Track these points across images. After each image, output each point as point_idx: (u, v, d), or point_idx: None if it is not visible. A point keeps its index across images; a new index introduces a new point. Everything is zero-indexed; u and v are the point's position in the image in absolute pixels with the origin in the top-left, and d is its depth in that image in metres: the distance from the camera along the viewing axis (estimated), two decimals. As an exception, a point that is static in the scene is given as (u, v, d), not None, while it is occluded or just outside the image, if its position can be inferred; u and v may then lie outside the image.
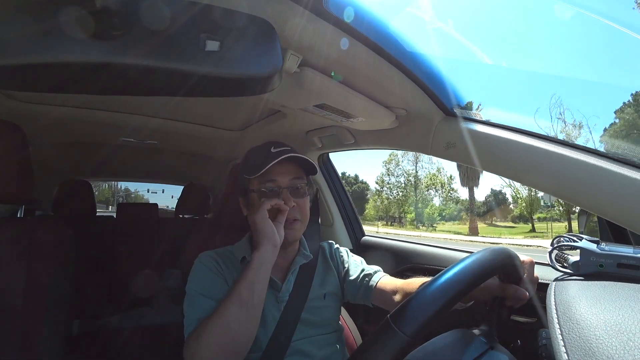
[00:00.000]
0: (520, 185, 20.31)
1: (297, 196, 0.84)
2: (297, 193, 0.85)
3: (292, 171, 0.85)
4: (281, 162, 0.80)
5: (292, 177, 0.84)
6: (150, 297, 2.06)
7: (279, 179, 0.83)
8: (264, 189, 0.82)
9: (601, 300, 0.44)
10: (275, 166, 0.80)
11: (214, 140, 1.90)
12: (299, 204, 0.84)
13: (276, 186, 0.83)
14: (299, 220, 0.85)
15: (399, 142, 1.19)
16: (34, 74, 0.44)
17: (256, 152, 0.88)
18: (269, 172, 0.81)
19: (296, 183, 0.85)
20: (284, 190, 0.82)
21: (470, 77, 17.35)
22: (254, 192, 0.84)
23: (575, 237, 0.63)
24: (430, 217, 30.37)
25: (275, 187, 0.83)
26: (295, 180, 0.85)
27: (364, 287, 0.93)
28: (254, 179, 0.83)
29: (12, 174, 0.91)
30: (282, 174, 0.83)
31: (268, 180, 0.82)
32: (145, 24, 0.44)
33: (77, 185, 2.22)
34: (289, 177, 0.84)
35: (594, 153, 0.69)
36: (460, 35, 16.76)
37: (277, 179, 0.83)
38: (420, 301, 0.46)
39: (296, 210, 0.84)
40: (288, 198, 0.82)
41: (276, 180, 0.83)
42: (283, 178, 0.83)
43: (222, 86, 0.53)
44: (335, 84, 0.88)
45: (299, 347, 0.83)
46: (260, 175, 0.81)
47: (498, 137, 0.82)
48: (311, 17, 0.63)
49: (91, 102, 1.36)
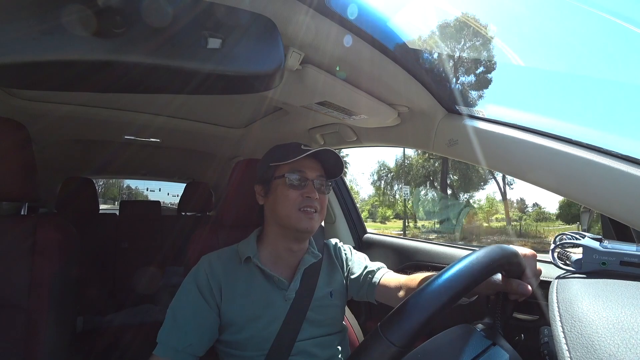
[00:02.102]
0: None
1: (319, 192, 0.87)
2: (320, 189, 0.88)
3: (319, 169, 0.89)
4: (311, 158, 0.87)
5: (319, 174, 0.89)
6: (153, 294, 2.07)
7: (308, 171, 0.87)
8: (293, 176, 0.86)
9: (603, 298, 0.44)
10: (305, 160, 0.85)
11: (217, 138, 1.91)
12: (320, 199, 0.87)
13: (304, 177, 0.86)
14: (318, 212, 0.87)
15: (401, 140, 1.18)
16: (37, 72, 0.44)
17: (286, 146, 0.92)
18: (300, 164, 0.86)
19: (321, 180, 0.89)
20: (309, 183, 0.86)
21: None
22: (281, 178, 0.86)
23: (577, 235, 0.63)
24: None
25: (303, 178, 0.86)
26: (320, 178, 0.89)
27: (368, 284, 0.93)
28: (284, 165, 0.86)
29: (15, 172, 0.91)
30: (310, 168, 0.88)
31: (297, 170, 0.86)
32: (147, 21, 0.44)
33: (80, 183, 2.23)
34: (316, 173, 0.88)
35: (598, 150, 0.69)
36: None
37: (305, 170, 0.87)
38: (411, 308, 0.45)
39: (317, 202, 0.86)
40: (313, 190, 0.85)
41: (305, 172, 0.86)
42: (311, 172, 0.87)
43: (224, 84, 0.53)
44: (338, 82, 0.88)
45: (303, 348, 0.83)
46: (291, 163, 0.85)
47: (500, 134, 0.82)
48: (314, 15, 0.63)
49: (94, 100, 1.36)
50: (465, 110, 0.93)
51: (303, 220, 0.83)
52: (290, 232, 0.86)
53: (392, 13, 0.72)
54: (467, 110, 0.93)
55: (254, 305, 0.82)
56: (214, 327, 0.81)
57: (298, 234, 0.86)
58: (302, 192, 0.84)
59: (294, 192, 0.84)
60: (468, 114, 0.92)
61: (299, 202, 0.84)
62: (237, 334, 0.81)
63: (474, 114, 0.91)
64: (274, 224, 0.89)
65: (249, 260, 0.86)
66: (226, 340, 0.82)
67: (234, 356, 0.82)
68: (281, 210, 0.85)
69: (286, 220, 0.84)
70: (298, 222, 0.83)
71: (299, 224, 0.83)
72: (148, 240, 2.32)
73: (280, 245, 0.89)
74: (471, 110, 0.93)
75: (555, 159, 0.72)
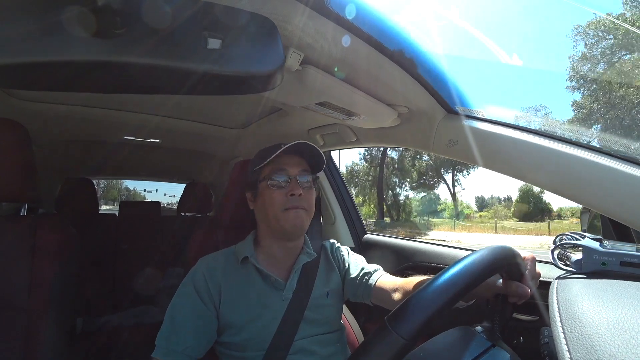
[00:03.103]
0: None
1: (304, 187, 0.86)
2: (304, 185, 0.87)
3: (301, 164, 0.89)
4: (291, 154, 0.86)
5: (301, 169, 0.88)
6: (152, 295, 2.07)
7: (289, 168, 0.86)
8: (274, 176, 0.85)
9: (604, 298, 0.44)
10: (285, 157, 0.85)
11: (216, 138, 1.91)
12: (305, 195, 0.86)
13: (286, 175, 0.85)
14: (305, 209, 0.86)
15: (401, 140, 1.18)
16: (36, 73, 0.44)
17: (267, 148, 0.91)
18: (280, 162, 0.85)
19: (305, 175, 0.88)
20: (292, 180, 0.85)
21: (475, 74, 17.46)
22: (264, 181, 0.86)
23: (577, 235, 0.63)
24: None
25: (285, 176, 0.85)
26: (303, 173, 0.88)
27: (364, 285, 0.94)
28: (265, 167, 0.86)
29: (15, 173, 0.91)
30: (291, 164, 0.87)
31: (278, 169, 0.85)
32: (147, 22, 0.44)
33: (79, 183, 2.22)
34: (299, 168, 0.87)
35: (598, 151, 0.69)
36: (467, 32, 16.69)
37: (287, 168, 0.86)
38: (418, 302, 0.46)
39: (303, 199, 0.85)
40: (296, 187, 0.84)
41: (286, 170, 0.86)
42: (293, 168, 0.86)
43: (223, 84, 0.53)
44: (337, 82, 0.88)
45: (302, 346, 0.83)
46: (271, 164, 0.85)
47: (501, 134, 0.82)
48: (313, 15, 0.63)
49: (93, 100, 1.37)
50: (465, 110, 0.93)
51: (290, 219, 0.83)
52: (281, 233, 0.86)
53: (391, 13, 0.73)
54: (467, 111, 0.93)
55: (252, 306, 0.82)
56: (213, 329, 0.81)
57: (288, 234, 0.86)
58: (286, 192, 0.84)
59: (278, 194, 0.84)
60: (468, 115, 0.92)
61: (284, 202, 0.83)
62: (235, 336, 0.81)
63: (474, 114, 0.91)
64: (265, 226, 0.89)
65: (247, 260, 0.86)
66: (225, 342, 0.82)
67: (233, 357, 0.82)
68: (269, 213, 0.85)
69: (274, 222, 0.84)
70: (286, 222, 0.83)
71: (287, 223, 0.83)
72: (148, 241, 2.31)
73: (274, 246, 0.89)
74: (471, 110, 0.92)
75: (555, 160, 0.72)
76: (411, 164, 24.66)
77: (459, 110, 0.94)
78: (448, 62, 0.89)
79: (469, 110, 0.93)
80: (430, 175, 25.23)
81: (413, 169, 24.61)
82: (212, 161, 2.46)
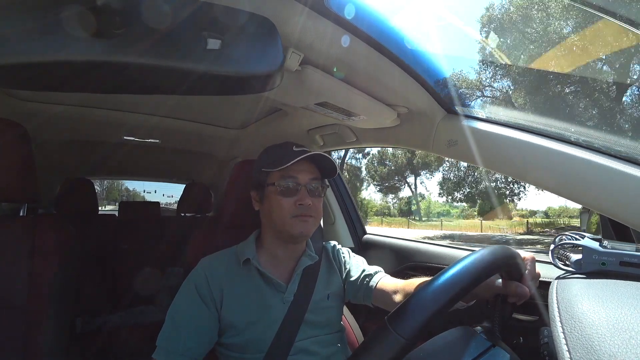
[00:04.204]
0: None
1: (313, 195, 0.86)
2: (313, 193, 0.86)
3: (312, 171, 0.87)
4: (302, 161, 0.83)
5: (312, 177, 0.87)
6: (152, 295, 2.06)
7: (300, 176, 0.85)
8: (284, 184, 0.84)
9: (603, 298, 0.44)
10: (297, 164, 0.82)
11: (216, 139, 1.90)
12: (314, 203, 0.85)
13: (296, 183, 0.84)
14: (313, 217, 0.86)
15: (400, 140, 1.18)
16: (36, 73, 0.44)
17: (277, 148, 0.90)
18: (291, 169, 0.83)
19: (314, 183, 0.87)
20: (302, 188, 0.84)
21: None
22: (272, 186, 0.85)
23: (577, 235, 0.63)
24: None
25: (295, 184, 0.84)
26: (314, 181, 0.87)
27: (365, 287, 0.93)
28: (276, 172, 0.85)
29: (14, 173, 0.91)
30: (302, 172, 0.85)
31: (289, 177, 0.84)
32: (146, 22, 0.44)
33: (79, 183, 2.22)
34: (309, 176, 0.86)
35: (597, 151, 0.69)
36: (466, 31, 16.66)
37: (297, 176, 0.85)
38: (418, 302, 0.46)
39: (311, 208, 0.85)
40: (306, 196, 0.84)
41: (297, 178, 0.85)
42: (303, 176, 0.85)
43: (223, 84, 0.53)
44: (337, 82, 0.88)
45: (303, 346, 0.83)
46: (281, 170, 0.83)
47: (500, 134, 0.82)
48: (312, 15, 0.63)
49: (93, 100, 1.36)
50: (465, 111, 0.93)
51: (297, 226, 0.83)
52: (286, 237, 0.86)
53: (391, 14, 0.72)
54: (467, 111, 0.93)
55: (253, 308, 0.82)
56: (214, 331, 0.81)
57: (294, 238, 0.86)
58: (295, 200, 0.83)
59: (286, 201, 0.83)
60: (468, 115, 0.92)
61: (293, 210, 0.83)
62: (236, 337, 0.81)
63: (474, 114, 0.91)
64: (270, 229, 0.89)
65: (248, 262, 0.86)
66: (226, 343, 0.82)
67: (233, 358, 0.82)
68: (275, 218, 0.84)
69: (281, 227, 0.84)
70: (292, 228, 0.83)
71: (294, 229, 0.83)
72: (147, 241, 2.31)
73: (278, 248, 0.89)
74: (471, 110, 0.93)
75: (555, 159, 0.72)
76: (374, 170, 27.74)
77: (459, 110, 0.94)
78: (448, 62, 0.89)
79: (468, 110, 0.93)
80: (397, 179, 28.45)
81: (376, 174, 27.63)
82: (212, 161, 2.45)
